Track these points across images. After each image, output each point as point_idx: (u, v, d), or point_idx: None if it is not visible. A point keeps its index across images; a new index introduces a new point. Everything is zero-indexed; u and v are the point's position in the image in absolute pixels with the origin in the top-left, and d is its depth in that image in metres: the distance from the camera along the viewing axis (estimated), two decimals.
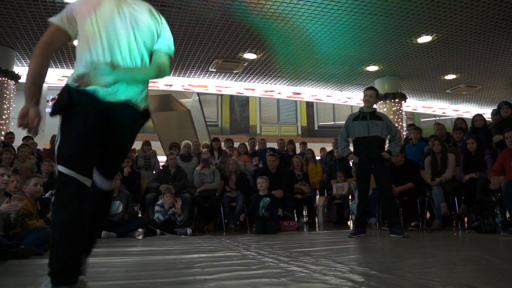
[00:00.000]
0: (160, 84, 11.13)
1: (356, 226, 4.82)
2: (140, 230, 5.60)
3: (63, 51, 8.75)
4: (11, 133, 7.45)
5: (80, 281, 1.74)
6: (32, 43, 8.27)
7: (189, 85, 11.36)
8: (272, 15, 7.27)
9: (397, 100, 10.87)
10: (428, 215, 6.14)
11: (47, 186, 5.17)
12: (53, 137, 7.32)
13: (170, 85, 11.28)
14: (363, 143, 4.77)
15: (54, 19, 1.84)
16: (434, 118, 19.45)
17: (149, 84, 2.02)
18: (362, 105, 4.98)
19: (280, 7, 6.98)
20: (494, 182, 4.72)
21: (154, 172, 7.16)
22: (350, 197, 7.14)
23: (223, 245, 3.96)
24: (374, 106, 4.98)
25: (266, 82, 11.40)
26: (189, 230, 5.33)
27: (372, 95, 4.84)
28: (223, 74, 10.69)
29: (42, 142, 9.59)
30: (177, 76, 10.69)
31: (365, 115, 4.82)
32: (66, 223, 1.68)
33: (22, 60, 9.20)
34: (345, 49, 8.95)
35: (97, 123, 1.80)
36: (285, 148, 7.97)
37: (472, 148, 5.42)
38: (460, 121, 6.67)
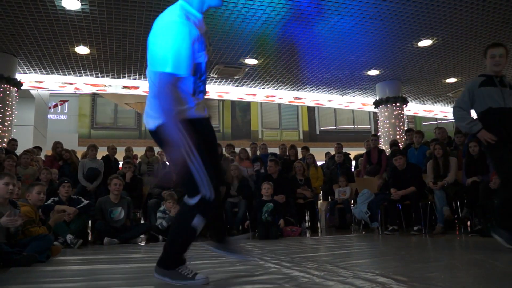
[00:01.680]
0: None
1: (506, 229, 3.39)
2: (142, 236, 5.59)
3: (65, 58, 8.79)
4: (14, 140, 7.46)
5: None
6: (34, 50, 8.31)
7: None
8: (272, 21, 7.30)
9: (398, 104, 10.87)
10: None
11: (47, 194, 5.16)
12: (55, 143, 7.35)
13: None
14: (502, 115, 3.47)
15: None
16: (436, 122, 19.42)
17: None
18: (363, 109, 4.87)
19: (281, 12, 7.01)
20: (496, 181, 4.71)
21: None
22: (352, 202, 7.13)
23: None
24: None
25: (267, 87, 11.41)
26: None
27: (503, 54, 3.57)
28: (224, 80, 10.71)
29: (44, 149, 9.60)
30: None
31: (497, 80, 3.59)
32: None
33: (24, 67, 9.24)
34: (345, 53, 8.97)
35: None
36: (287, 153, 7.97)
37: (475, 152, 5.41)
38: None
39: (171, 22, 1.96)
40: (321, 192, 8.00)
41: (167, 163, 6.55)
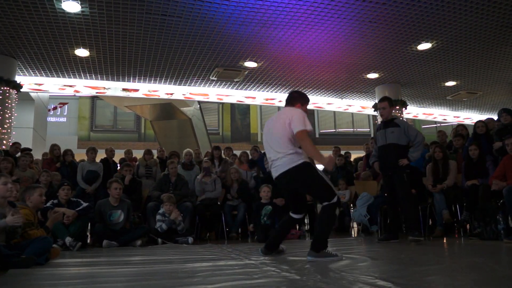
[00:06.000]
0: (161, 93, 11.17)
1: (385, 232, 5.13)
2: (139, 241, 5.58)
3: (64, 61, 8.80)
4: (18, 143, 7.42)
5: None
6: (34, 52, 8.31)
7: (190, 93, 11.39)
8: (272, 23, 7.31)
9: (397, 107, 10.88)
10: (430, 222, 6.12)
11: (47, 197, 5.14)
12: (52, 146, 7.34)
13: (171, 94, 11.31)
14: (381, 151, 4.96)
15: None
16: (435, 125, 19.43)
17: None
18: (363, 112, 5.04)
19: (280, 15, 7.02)
20: (496, 183, 4.71)
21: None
22: (351, 205, 7.12)
23: (224, 253, 3.95)
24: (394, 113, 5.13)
25: (266, 90, 11.42)
26: (190, 239, 5.31)
27: (385, 107, 4.90)
28: (223, 83, 10.72)
29: (42, 151, 9.58)
30: (178, 85, 10.72)
31: (383, 124, 4.99)
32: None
33: (24, 70, 9.25)
34: (345, 56, 8.98)
35: None
36: None
37: (474, 155, 5.41)
38: (460, 128, 6.68)
39: None
40: None
41: None
